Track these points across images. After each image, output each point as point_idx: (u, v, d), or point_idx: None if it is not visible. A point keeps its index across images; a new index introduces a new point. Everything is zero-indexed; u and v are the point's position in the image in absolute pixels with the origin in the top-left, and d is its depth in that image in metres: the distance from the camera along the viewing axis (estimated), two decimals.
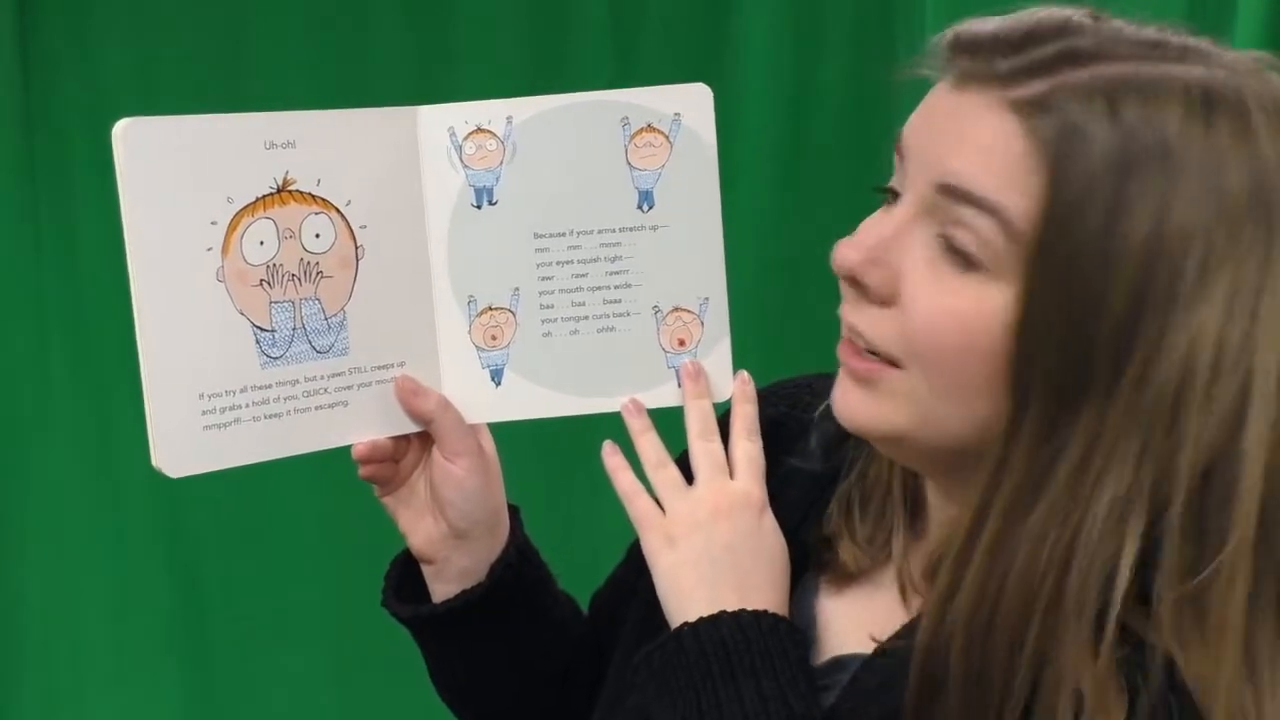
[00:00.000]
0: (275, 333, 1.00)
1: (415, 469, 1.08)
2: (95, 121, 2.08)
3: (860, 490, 1.00)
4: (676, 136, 1.03)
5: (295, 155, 0.99)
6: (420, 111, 1.04)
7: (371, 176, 1.03)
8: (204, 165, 0.97)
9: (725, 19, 2.10)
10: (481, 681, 1.13)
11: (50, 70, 2.12)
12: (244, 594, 2.22)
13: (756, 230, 2.01)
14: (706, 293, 1.05)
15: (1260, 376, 0.82)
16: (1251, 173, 0.82)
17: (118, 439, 2.17)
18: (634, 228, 1.04)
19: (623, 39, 2.13)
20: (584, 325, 1.05)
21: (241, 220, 0.98)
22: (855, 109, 2.05)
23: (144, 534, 2.20)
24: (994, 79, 0.86)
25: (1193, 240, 0.81)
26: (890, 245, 0.88)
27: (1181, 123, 0.82)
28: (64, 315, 2.17)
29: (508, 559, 1.08)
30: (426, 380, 1.05)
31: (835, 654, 0.97)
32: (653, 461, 1.01)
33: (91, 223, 2.13)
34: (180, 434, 0.97)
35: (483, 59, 2.12)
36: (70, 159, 2.12)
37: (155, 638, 2.21)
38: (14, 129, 2.10)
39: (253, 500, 2.18)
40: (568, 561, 1.19)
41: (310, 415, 1.02)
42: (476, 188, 1.04)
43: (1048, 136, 0.83)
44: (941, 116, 0.88)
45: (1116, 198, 0.81)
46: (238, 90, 2.11)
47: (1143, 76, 0.84)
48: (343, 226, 1.02)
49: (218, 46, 2.13)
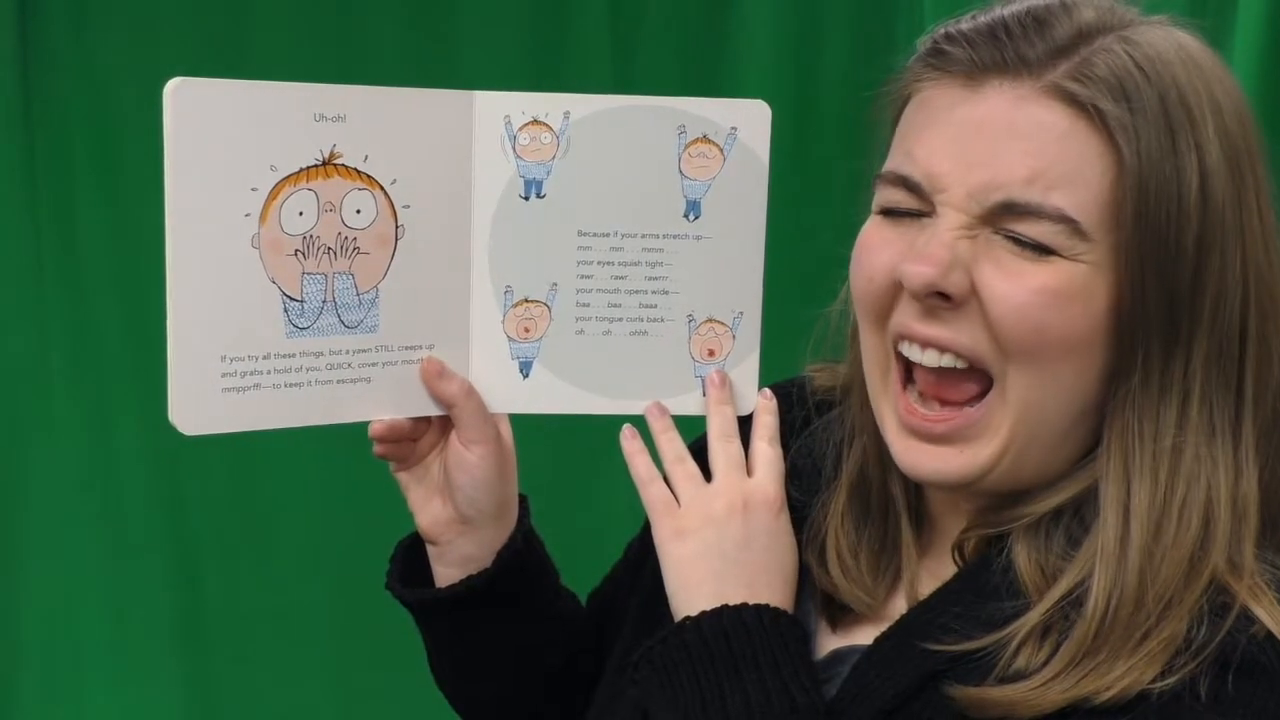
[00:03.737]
0: (305, 303, 1.00)
1: (433, 450, 1.08)
2: (95, 120, 2.08)
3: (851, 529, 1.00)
4: (730, 150, 1.04)
5: (344, 129, 0.99)
6: (477, 96, 1.04)
7: (420, 157, 1.03)
8: (251, 131, 0.97)
9: (725, 19, 2.10)
10: (480, 670, 1.13)
11: (50, 69, 2.11)
12: (244, 594, 2.21)
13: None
14: (742, 307, 1.06)
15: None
16: (1235, 108, 0.89)
17: (118, 439, 2.16)
18: (678, 235, 1.05)
19: (623, 39, 2.13)
20: (617, 327, 1.06)
21: (283, 189, 0.98)
22: (855, 108, 2.05)
23: (144, 534, 2.19)
24: (1021, 67, 0.87)
25: (1220, 177, 0.87)
26: (957, 247, 0.88)
27: (1183, 71, 0.87)
28: (64, 315, 2.16)
29: (514, 545, 1.08)
30: (454, 365, 1.05)
31: (834, 648, 0.98)
32: (671, 457, 1.02)
33: (92, 222, 2.12)
34: (199, 393, 0.98)
35: (483, 58, 2.12)
36: (70, 158, 2.11)
37: (155, 638, 2.21)
38: (14, 128, 2.10)
39: (253, 500, 2.18)
40: (571, 555, 1.19)
41: (331, 388, 1.02)
42: (527, 179, 1.04)
43: (1105, 110, 0.85)
44: (969, 126, 0.88)
45: (1174, 151, 0.86)
46: None
47: (1147, 38, 0.88)
48: (385, 204, 1.02)
49: (218, 45, 2.13)
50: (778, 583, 0.97)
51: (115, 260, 2.12)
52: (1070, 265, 0.87)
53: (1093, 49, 0.87)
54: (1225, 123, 0.88)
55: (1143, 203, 0.86)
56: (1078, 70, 0.86)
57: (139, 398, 2.11)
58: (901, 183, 0.91)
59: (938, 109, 0.90)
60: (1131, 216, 0.86)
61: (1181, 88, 0.87)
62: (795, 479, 1.03)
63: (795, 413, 1.07)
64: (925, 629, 0.92)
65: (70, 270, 2.15)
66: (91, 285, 2.14)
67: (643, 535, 1.12)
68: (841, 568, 0.99)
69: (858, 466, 1.00)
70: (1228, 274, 0.88)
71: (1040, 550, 0.90)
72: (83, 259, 2.15)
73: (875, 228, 0.94)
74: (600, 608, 1.17)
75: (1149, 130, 0.86)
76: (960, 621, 0.90)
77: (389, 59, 2.13)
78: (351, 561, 1.99)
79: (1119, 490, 0.88)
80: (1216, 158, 0.87)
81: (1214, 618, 0.85)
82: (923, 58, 0.92)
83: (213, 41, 2.13)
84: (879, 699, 0.91)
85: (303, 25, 2.14)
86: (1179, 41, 0.90)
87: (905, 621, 0.94)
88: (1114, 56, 0.87)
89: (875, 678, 0.92)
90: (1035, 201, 0.86)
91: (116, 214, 2.09)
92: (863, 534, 0.99)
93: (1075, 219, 0.86)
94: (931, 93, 0.91)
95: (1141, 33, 0.89)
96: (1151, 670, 0.84)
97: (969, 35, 0.89)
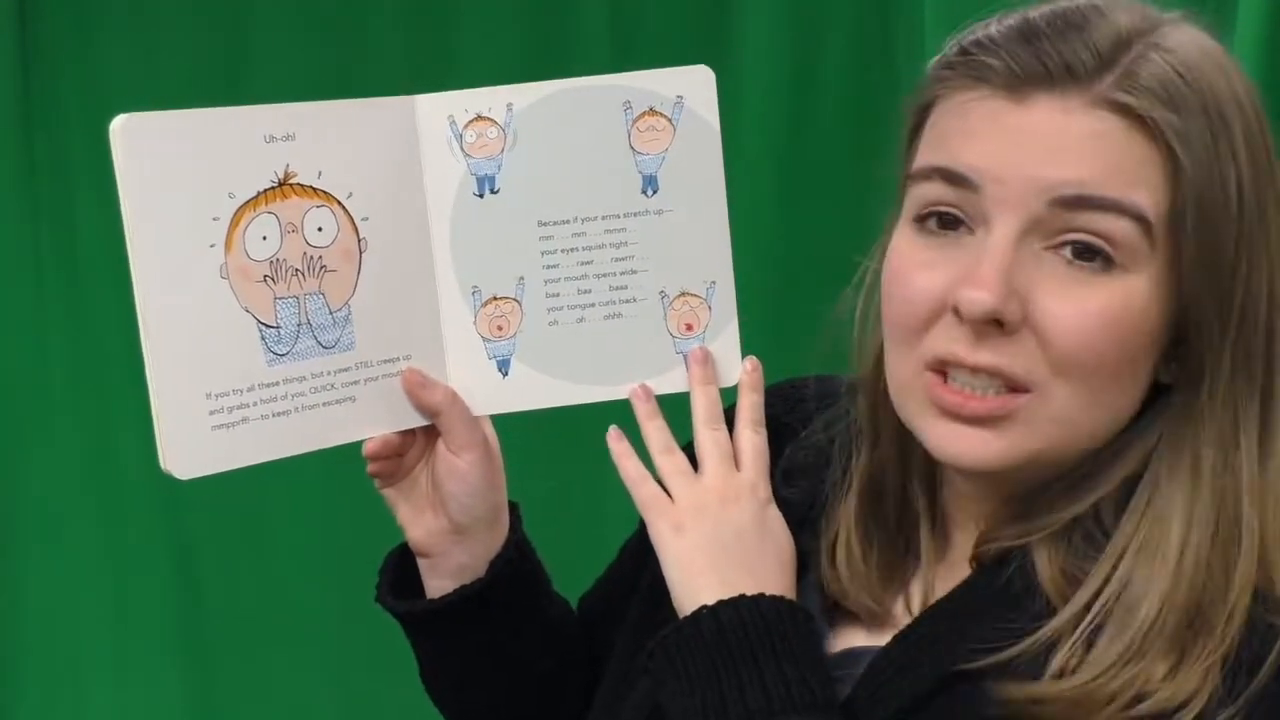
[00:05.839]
0: (280, 329, 0.99)
1: (419, 462, 1.07)
2: (95, 120, 2.07)
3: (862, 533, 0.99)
4: (679, 119, 1.03)
5: (295, 148, 0.99)
6: (418, 100, 1.04)
7: (372, 168, 1.02)
8: (204, 160, 0.96)
9: (725, 19, 2.09)
10: (473, 680, 1.12)
11: (50, 68, 2.11)
12: (244, 594, 2.21)
13: (755, 224, 2.00)
14: (713, 276, 1.04)
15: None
16: (1255, 107, 0.88)
17: (118, 439, 2.16)
18: (639, 213, 1.03)
19: (623, 39, 2.12)
20: (590, 313, 1.05)
21: (244, 215, 0.97)
22: (855, 108, 2.05)
23: (144, 534, 2.19)
24: (1068, 79, 0.85)
25: (1250, 180, 0.86)
26: (1012, 271, 0.86)
27: (1214, 75, 0.87)
28: (63, 316, 2.16)
29: (507, 555, 1.08)
30: (432, 373, 1.04)
31: (845, 646, 0.97)
32: (659, 447, 1.00)
33: (91, 223, 2.12)
34: (189, 435, 0.96)
35: (482, 57, 2.12)
36: (70, 158, 2.12)
37: (155, 638, 2.21)
38: (14, 128, 2.10)
39: (253, 501, 2.17)
40: (563, 560, 1.18)
41: (318, 412, 1.01)
42: (478, 176, 1.04)
43: (1159, 120, 0.84)
44: (1023, 131, 0.86)
45: (1218, 157, 0.85)
46: (237, 88, 2.11)
47: (1177, 42, 0.88)
48: (345, 219, 1.01)
49: (218, 45, 2.13)
50: (779, 571, 0.96)
51: (115, 261, 2.09)
52: (1129, 280, 0.85)
53: (1132, 57, 0.85)
54: (1249, 123, 0.87)
55: (1200, 212, 0.84)
56: (1125, 81, 0.84)
57: (138, 397, 2.10)
58: (943, 176, 0.88)
59: (978, 119, 0.87)
60: (1192, 226, 0.85)
61: (1217, 92, 0.86)
62: (795, 480, 1.03)
63: (799, 411, 1.06)
64: (946, 633, 0.91)
65: (70, 271, 2.15)
66: (91, 286, 2.14)
67: (639, 537, 1.11)
68: (852, 572, 0.97)
69: (872, 469, 0.99)
70: (1255, 278, 0.87)
71: (1062, 556, 0.89)
72: (83, 260, 2.15)
73: (910, 245, 0.90)
74: (594, 611, 1.17)
75: (1198, 138, 0.84)
76: (983, 626, 0.89)
77: (389, 59, 2.13)
78: (351, 561, 1.99)
79: (1147, 496, 0.88)
80: (1245, 162, 0.86)
81: (1267, 632, 0.84)
82: (952, 63, 0.89)
83: (213, 42, 2.14)
84: (897, 699, 0.90)
85: (302, 25, 2.14)
86: (1202, 43, 0.89)
87: (923, 623, 0.93)
88: (1155, 65, 0.85)
89: (894, 677, 0.91)
90: (1113, 196, 0.84)
91: (116, 215, 2.08)
92: (874, 538, 0.98)
93: (1151, 220, 0.85)
94: (968, 102, 0.88)
95: (1169, 36, 0.87)
96: (1207, 686, 0.83)
97: (1002, 43, 0.87)
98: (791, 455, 1.04)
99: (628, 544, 1.16)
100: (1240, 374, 0.88)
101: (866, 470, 0.99)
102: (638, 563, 1.09)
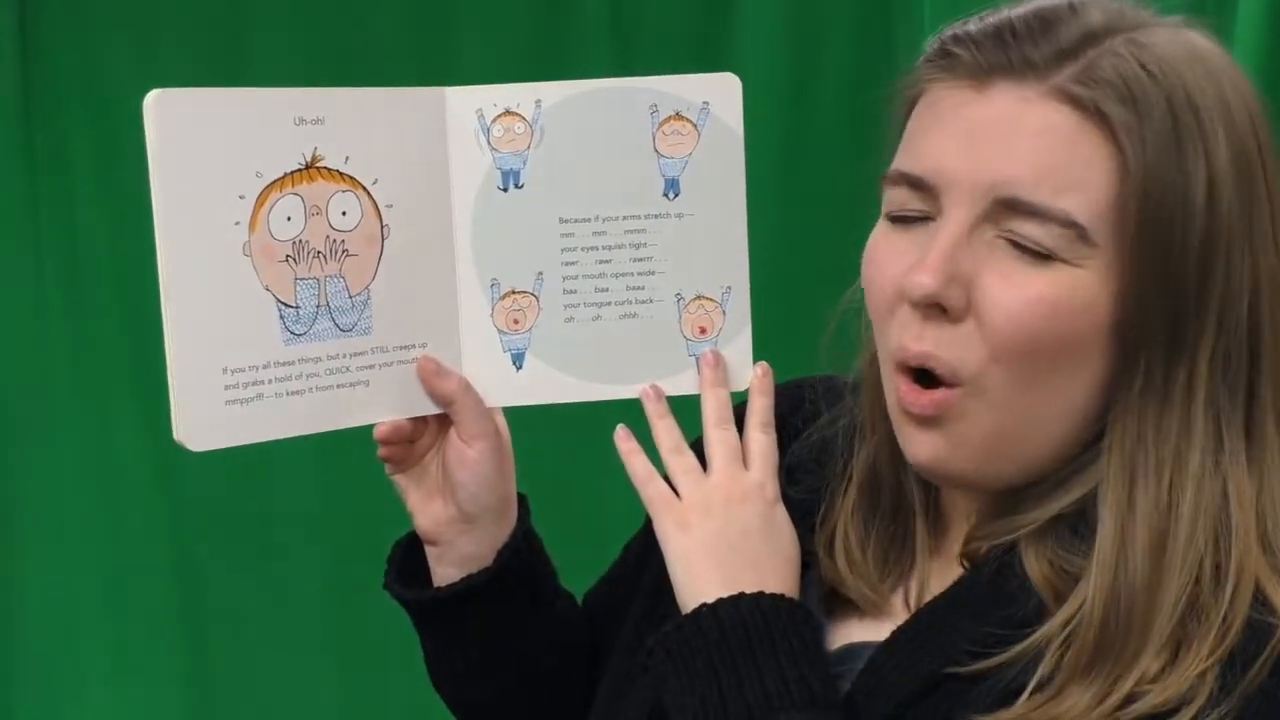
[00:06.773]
0: (299, 309, 1.00)
1: (430, 450, 1.08)
2: (95, 116, 2.08)
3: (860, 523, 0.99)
4: (704, 125, 1.04)
5: (324, 132, 0.99)
6: (448, 93, 1.04)
7: (398, 156, 1.03)
8: (233, 139, 0.97)
9: (725, 19, 2.10)
10: (478, 671, 1.12)
11: (50, 64, 2.12)
12: (244, 593, 2.22)
13: (754, 224, 2.00)
14: (729, 281, 1.06)
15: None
16: (1246, 108, 0.88)
17: (118, 439, 2.17)
18: (659, 215, 1.04)
19: (623, 39, 2.13)
20: (607, 311, 1.05)
21: (269, 195, 0.98)
22: (854, 108, 2.05)
23: (144, 533, 2.20)
24: (1027, 69, 0.86)
25: (1228, 182, 0.86)
26: (958, 258, 0.88)
27: (1192, 73, 0.86)
28: (63, 315, 2.17)
29: (515, 544, 1.08)
30: (447, 362, 1.05)
31: (845, 642, 0.97)
32: (668, 446, 1.01)
33: (91, 220, 2.12)
34: (203, 408, 0.97)
35: (483, 58, 2.12)
36: (70, 153, 2.12)
37: (155, 636, 2.21)
38: (14, 123, 2.10)
39: (253, 498, 2.18)
40: (571, 555, 1.19)
41: (332, 393, 1.02)
42: (503, 170, 1.04)
43: (1110, 114, 0.85)
44: (978, 123, 0.88)
45: (1180, 156, 0.85)
46: (237, 85, 2.10)
47: (1156, 40, 0.88)
48: (369, 205, 1.02)
49: (218, 41, 2.14)
50: (783, 570, 0.97)
51: (115, 260, 2.12)
52: (1072, 271, 0.86)
53: (1099, 51, 0.86)
54: (1235, 125, 0.87)
55: (1147, 209, 0.85)
56: (1083, 73, 0.86)
57: (138, 397, 2.11)
58: (907, 181, 0.90)
59: (944, 109, 0.89)
60: (1135, 223, 0.85)
61: (1190, 91, 0.86)
62: (797, 477, 1.03)
63: (805, 410, 1.07)
64: (942, 629, 0.91)
65: (70, 270, 2.16)
66: (91, 285, 2.15)
67: (643, 535, 1.11)
68: (849, 560, 0.98)
69: (870, 462, 1.00)
70: (1234, 279, 0.87)
71: (1050, 555, 0.90)
72: (83, 259, 2.15)
73: (883, 236, 0.93)
74: (598, 608, 1.17)
75: (1155, 135, 0.85)
76: (978, 624, 0.89)
77: (389, 59, 2.13)
78: (351, 560, 1.99)
79: (1118, 495, 0.88)
80: (1225, 161, 0.86)
81: (1262, 631, 0.84)
82: (930, 59, 0.92)
83: (213, 41, 2.14)
84: (895, 694, 0.90)
85: (303, 25, 2.14)
86: (1189, 43, 0.89)
87: (920, 619, 0.93)
88: (1120, 60, 0.86)
89: (891, 673, 0.92)
90: (1043, 203, 0.85)
91: (116, 213, 2.09)
92: (872, 528, 0.99)
93: (1081, 224, 0.85)
94: (939, 94, 0.90)
95: (1151, 35, 0.88)
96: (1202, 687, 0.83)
97: (976, 37, 0.89)
98: (795, 453, 1.04)
99: (631, 542, 1.16)
100: (1220, 372, 0.88)
101: (865, 462, 1.00)
102: (640, 562, 1.10)
